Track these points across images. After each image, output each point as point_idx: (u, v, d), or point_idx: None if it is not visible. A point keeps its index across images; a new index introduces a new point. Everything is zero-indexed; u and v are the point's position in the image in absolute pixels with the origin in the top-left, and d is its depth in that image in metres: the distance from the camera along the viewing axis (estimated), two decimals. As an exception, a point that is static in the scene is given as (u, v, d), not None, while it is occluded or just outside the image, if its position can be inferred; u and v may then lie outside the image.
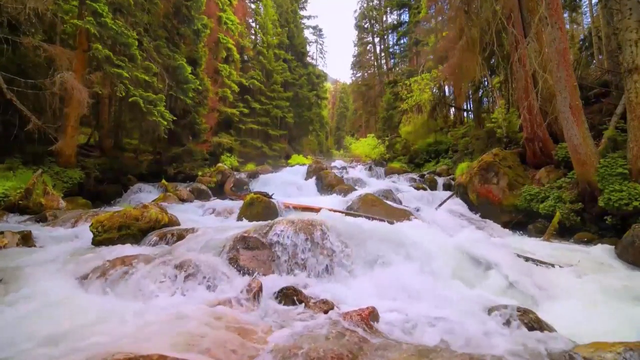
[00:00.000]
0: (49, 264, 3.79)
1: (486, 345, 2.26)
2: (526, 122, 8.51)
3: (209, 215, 8.20)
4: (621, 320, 2.88)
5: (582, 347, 2.10)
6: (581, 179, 6.66)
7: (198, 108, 17.64)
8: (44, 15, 9.40)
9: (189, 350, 2.02)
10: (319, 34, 48.24)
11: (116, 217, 5.13)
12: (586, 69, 12.05)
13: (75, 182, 10.15)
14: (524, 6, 8.96)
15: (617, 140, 6.74)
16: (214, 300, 2.91)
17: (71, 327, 2.41)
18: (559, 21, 6.63)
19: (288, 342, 2.15)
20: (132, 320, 2.55)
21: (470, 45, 10.47)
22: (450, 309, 2.82)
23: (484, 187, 8.35)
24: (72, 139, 10.40)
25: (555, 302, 3.41)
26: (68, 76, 9.13)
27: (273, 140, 30.56)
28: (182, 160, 16.21)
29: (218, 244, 4.16)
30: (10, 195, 7.73)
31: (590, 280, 3.97)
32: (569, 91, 6.46)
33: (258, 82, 28.66)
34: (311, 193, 12.76)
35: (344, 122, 54.12)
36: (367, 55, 38.55)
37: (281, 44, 33.40)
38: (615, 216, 5.97)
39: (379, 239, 4.24)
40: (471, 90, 16.98)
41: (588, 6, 17.40)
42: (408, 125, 20.69)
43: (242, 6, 29.99)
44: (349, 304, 2.99)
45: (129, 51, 11.19)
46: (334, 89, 64.88)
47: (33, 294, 3.06)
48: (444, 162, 16.18)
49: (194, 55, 17.36)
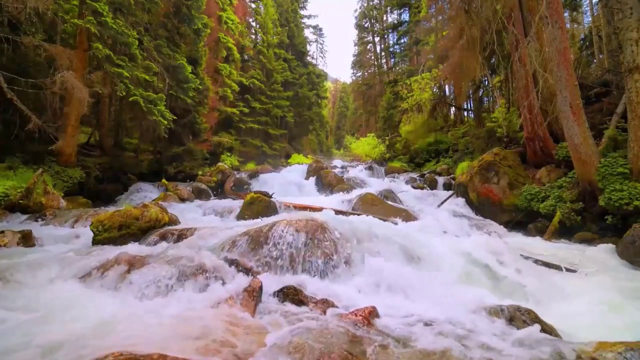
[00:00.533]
0: (50, 264, 3.79)
1: (487, 345, 2.25)
2: (526, 121, 8.50)
3: (209, 214, 8.20)
4: (622, 320, 2.88)
5: (583, 347, 2.10)
6: (582, 178, 6.65)
7: (198, 107, 17.64)
8: (45, 15, 9.40)
9: (189, 349, 2.02)
10: (319, 33, 48.29)
11: (116, 217, 5.14)
12: (587, 68, 12.04)
13: (75, 181, 10.16)
14: (524, 5, 8.95)
15: (618, 139, 6.74)
16: (214, 299, 2.91)
17: (71, 327, 2.41)
18: (559, 20, 6.62)
19: (288, 341, 2.15)
20: (132, 319, 2.55)
21: (470, 44, 10.45)
22: (451, 309, 2.82)
23: (484, 186, 8.35)
24: (73, 138, 10.40)
25: (556, 301, 3.41)
26: (68, 75, 9.12)
27: (273, 140, 30.56)
28: (183, 159, 16.21)
29: (218, 243, 4.16)
30: (10, 195, 7.73)
31: (591, 280, 3.98)
32: (570, 90, 6.45)
33: (258, 81, 28.65)
34: (311, 192, 12.78)
35: (344, 122, 54.14)
36: (368, 54, 38.51)
37: (281, 44, 33.39)
38: (615, 216, 5.97)
39: (380, 239, 4.24)
40: (471, 89, 16.98)
41: (588, 5, 17.38)
42: (408, 125, 20.68)
43: (243, 5, 29.98)
44: (350, 303, 2.99)
45: (129, 50, 11.20)
46: (334, 88, 64.86)
47: (33, 293, 3.06)
48: (444, 161, 16.17)
49: (194, 54, 17.35)
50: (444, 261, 3.97)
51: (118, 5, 11.41)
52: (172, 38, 15.25)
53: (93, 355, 1.85)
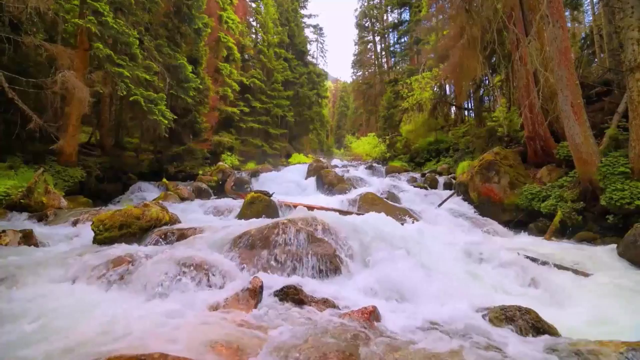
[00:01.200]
0: (51, 263, 3.79)
1: (488, 345, 2.25)
2: (527, 120, 8.49)
3: (209, 214, 8.21)
4: (624, 320, 2.88)
5: (585, 347, 2.10)
6: (583, 177, 6.64)
7: (199, 107, 17.65)
8: (46, 15, 9.40)
9: (189, 348, 2.02)
10: (320, 32, 48.21)
11: (117, 216, 5.13)
12: (588, 68, 12.01)
13: (76, 180, 10.18)
14: (525, 4, 8.94)
15: (619, 139, 6.72)
16: (214, 298, 2.91)
17: (71, 327, 2.41)
18: (560, 19, 6.61)
19: (289, 340, 2.15)
20: (132, 319, 2.55)
21: (471, 43, 10.44)
22: (452, 309, 2.81)
23: (484, 186, 8.34)
24: (73, 138, 10.42)
25: (557, 301, 3.41)
26: (69, 75, 9.13)
27: (273, 139, 30.58)
28: (183, 159, 16.23)
29: (219, 242, 4.16)
30: (11, 194, 7.74)
31: (592, 280, 3.97)
32: (571, 90, 6.44)
33: (259, 81, 28.66)
34: (312, 192, 12.76)
35: (345, 121, 54.10)
36: (368, 54, 38.49)
37: (282, 43, 33.38)
38: (617, 215, 5.96)
39: (380, 238, 4.24)
40: (472, 88, 16.95)
41: (589, 4, 17.35)
42: (409, 124, 20.65)
43: (243, 5, 29.98)
44: (350, 303, 2.99)
45: (130, 50, 11.21)
46: (335, 87, 64.82)
47: (34, 293, 3.07)
48: (444, 161, 16.16)
49: (194, 54, 17.36)
50: (445, 261, 3.97)
51: (119, 4, 11.42)
52: (173, 37, 15.27)
53: (93, 356, 1.86)
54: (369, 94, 35.98)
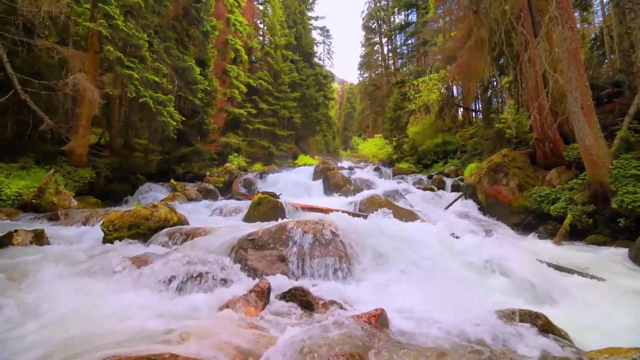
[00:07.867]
0: (61, 262, 3.85)
1: (496, 349, 2.23)
2: (536, 122, 8.41)
3: (217, 214, 8.26)
4: (634, 325, 2.83)
5: (595, 353, 2.07)
6: (593, 180, 6.55)
7: (206, 108, 17.79)
8: (58, 18, 9.58)
9: (197, 348, 2.04)
10: (327, 34, 48.27)
11: (126, 217, 5.20)
12: (598, 69, 11.88)
13: (86, 181, 10.33)
14: (533, 6, 8.86)
15: (630, 141, 6.63)
16: (221, 299, 2.92)
17: (80, 326, 2.44)
18: (569, 20, 6.54)
19: (296, 342, 2.15)
20: (140, 319, 2.57)
21: (478, 45, 10.38)
22: (462, 313, 2.79)
23: (493, 188, 8.28)
24: (84, 139, 10.58)
25: (568, 305, 3.36)
26: (80, 77, 9.29)
27: (280, 141, 30.68)
28: (191, 160, 16.37)
29: (226, 243, 4.18)
30: (23, 194, 7.89)
31: (603, 284, 3.91)
32: (580, 91, 6.37)
33: (266, 82, 28.80)
34: (318, 193, 12.78)
35: (351, 123, 54.01)
36: (375, 55, 38.46)
37: (289, 45, 33.51)
38: (628, 218, 5.87)
39: (389, 241, 4.22)
40: (480, 90, 16.84)
41: (599, 5, 17.14)
42: (416, 126, 20.55)
43: (250, 7, 30.17)
44: (358, 305, 2.98)
45: (139, 53, 11.36)
46: (341, 89, 64.80)
47: (44, 291, 3.11)
48: (452, 162, 16.06)
49: (202, 56, 17.52)
50: (454, 263, 3.94)
51: (129, 8, 11.59)
52: (181, 40, 15.43)
53: (104, 356, 1.88)
54: (376, 95, 35.91)
